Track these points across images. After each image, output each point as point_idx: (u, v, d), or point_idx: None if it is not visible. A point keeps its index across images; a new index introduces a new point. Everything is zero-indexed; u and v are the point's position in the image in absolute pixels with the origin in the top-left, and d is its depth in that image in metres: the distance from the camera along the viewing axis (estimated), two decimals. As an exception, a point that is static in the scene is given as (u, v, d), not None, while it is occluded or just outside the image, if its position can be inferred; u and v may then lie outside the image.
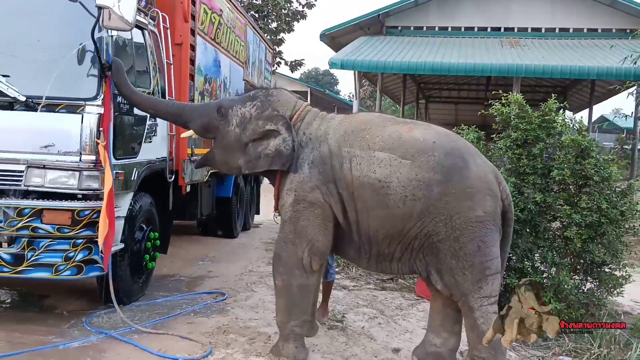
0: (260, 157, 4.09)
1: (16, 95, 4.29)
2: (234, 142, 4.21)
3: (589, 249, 5.12)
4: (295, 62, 20.77)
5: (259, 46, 9.99)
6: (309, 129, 4.13)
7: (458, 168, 3.78)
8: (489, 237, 3.79)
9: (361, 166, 3.86)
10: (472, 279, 3.77)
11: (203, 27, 6.58)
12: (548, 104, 5.45)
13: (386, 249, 3.94)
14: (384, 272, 4.93)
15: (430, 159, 3.77)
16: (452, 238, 3.75)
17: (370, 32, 16.44)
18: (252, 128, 4.14)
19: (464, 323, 3.98)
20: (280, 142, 4.02)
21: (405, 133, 3.93)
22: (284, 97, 4.29)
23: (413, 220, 3.79)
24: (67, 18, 4.62)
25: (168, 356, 4.03)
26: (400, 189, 3.76)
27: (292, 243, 3.99)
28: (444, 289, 3.91)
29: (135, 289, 5.17)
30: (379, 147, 3.87)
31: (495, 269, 3.83)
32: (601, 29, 15.84)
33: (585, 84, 17.01)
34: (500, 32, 16.29)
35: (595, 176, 5.12)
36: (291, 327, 4.04)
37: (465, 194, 3.75)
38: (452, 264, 3.78)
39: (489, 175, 3.89)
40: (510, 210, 4.01)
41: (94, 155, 4.34)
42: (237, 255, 7.65)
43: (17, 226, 4.25)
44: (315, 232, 3.95)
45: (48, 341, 4.16)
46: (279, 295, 4.10)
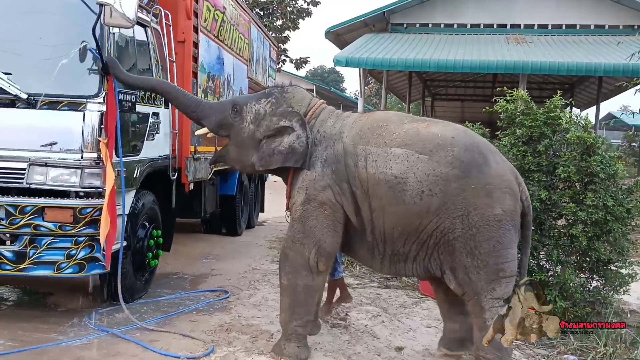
0: (273, 153, 4.06)
1: (18, 93, 4.28)
2: (247, 139, 4.20)
3: (595, 247, 5.07)
4: (300, 60, 20.75)
5: (263, 44, 9.97)
6: (323, 126, 4.11)
7: (477, 164, 3.74)
8: (506, 238, 3.73)
9: (377, 163, 3.83)
10: (486, 279, 3.72)
11: (206, 24, 6.56)
12: (553, 101, 5.40)
13: (402, 247, 3.89)
14: (397, 274, 4.90)
15: (448, 154, 3.73)
16: (468, 235, 3.70)
17: (376, 30, 16.38)
18: (266, 124, 4.13)
19: (474, 322, 3.94)
20: (294, 139, 4.00)
21: (423, 129, 3.90)
22: (299, 94, 4.27)
23: (430, 216, 3.74)
24: (69, 15, 4.61)
25: (170, 354, 4.02)
26: (417, 184, 3.72)
27: (300, 243, 3.97)
28: (457, 288, 3.87)
29: (138, 286, 5.17)
30: (396, 144, 3.84)
31: (510, 272, 3.77)
32: (608, 25, 15.72)
33: (592, 81, 16.89)
34: (506, 29, 16.19)
35: (601, 173, 5.07)
36: (294, 327, 4.03)
37: (484, 190, 3.70)
38: (466, 262, 3.73)
39: (509, 174, 3.84)
40: (529, 212, 3.94)
41: (95, 153, 4.33)
42: (240, 253, 7.64)
43: (19, 224, 4.24)
44: (324, 232, 3.93)
45: (51, 339, 4.16)
46: (284, 294, 4.08)
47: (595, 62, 12.67)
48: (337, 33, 16.58)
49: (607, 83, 16.02)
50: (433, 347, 4.53)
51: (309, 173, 3.98)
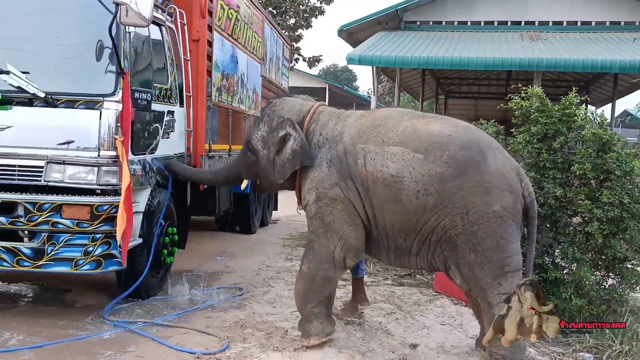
0: (284, 163, 4.22)
1: (35, 92, 4.34)
2: (267, 164, 4.39)
3: (611, 245, 5.03)
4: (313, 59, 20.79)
5: (276, 42, 9.99)
6: (324, 129, 4.23)
7: (474, 162, 3.74)
8: (508, 234, 3.75)
9: (375, 161, 3.90)
10: (492, 275, 3.74)
11: (220, 23, 6.60)
12: (569, 97, 5.36)
13: (403, 242, 3.96)
14: (403, 267, 4.99)
15: (444, 153, 3.75)
16: (470, 232, 3.73)
17: (389, 27, 16.32)
18: (271, 143, 4.30)
19: (483, 319, 3.98)
20: (292, 142, 4.16)
21: (421, 126, 3.92)
22: (287, 104, 4.46)
23: (427, 214, 3.78)
24: (85, 15, 4.66)
25: (185, 350, 4.05)
26: (412, 184, 3.77)
27: (324, 236, 4.09)
28: (462, 284, 3.91)
29: (154, 283, 5.21)
30: (393, 142, 3.88)
31: (515, 266, 3.79)
32: (624, 21, 15.53)
33: (607, 78, 16.71)
34: (520, 25, 16.06)
35: (617, 170, 5.03)
36: (309, 309, 4.17)
37: (482, 188, 3.71)
38: (470, 258, 3.76)
39: (509, 171, 3.83)
40: (532, 208, 3.94)
41: (112, 151, 4.37)
42: (254, 251, 7.67)
43: (37, 221, 4.30)
44: (345, 227, 4.02)
45: (69, 334, 4.22)
46: (300, 280, 4.22)
47: (610, 59, 12.54)
48: (350, 31, 16.55)
49: (623, 80, 15.85)
50: (447, 344, 4.54)
51: (317, 173, 4.09)
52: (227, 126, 7.10)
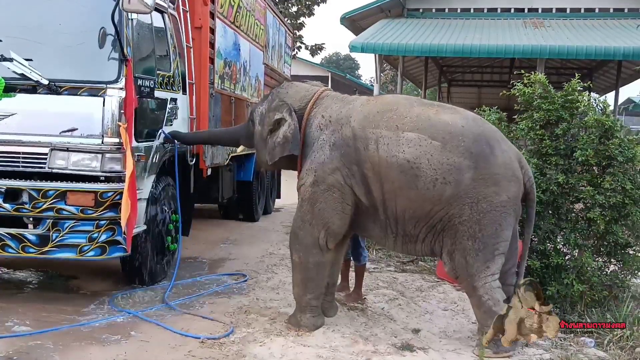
0: (275, 146, 4.27)
1: (39, 79, 4.34)
2: (259, 140, 4.48)
3: (613, 231, 5.05)
4: (315, 47, 20.74)
5: (278, 30, 9.96)
6: (327, 111, 4.23)
7: (485, 155, 3.87)
8: (506, 221, 3.94)
9: (389, 146, 3.92)
10: (483, 260, 3.90)
11: (222, 10, 6.58)
12: (571, 84, 5.35)
13: (412, 229, 4.03)
14: (408, 253, 5.13)
15: (460, 143, 3.85)
16: (475, 220, 3.85)
17: (392, 15, 16.24)
18: (266, 122, 4.36)
19: (470, 302, 4.13)
20: (286, 128, 4.20)
21: (434, 115, 4.00)
22: (293, 88, 4.49)
23: (442, 204, 3.88)
24: (88, 2, 4.67)
25: (190, 335, 4.09)
26: (430, 171, 3.83)
27: (310, 223, 4.13)
28: (451, 271, 4.05)
29: (158, 270, 5.24)
30: (408, 128, 3.93)
31: (502, 250, 3.97)
32: (628, 8, 15.45)
33: (611, 65, 16.64)
34: (523, 13, 15.98)
35: (619, 157, 5.04)
36: (308, 299, 4.22)
37: (492, 180, 3.86)
38: (467, 245, 3.88)
39: (514, 162, 4.00)
40: (532, 191, 4.14)
41: (116, 138, 4.39)
42: (258, 238, 7.71)
43: (42, 207, 4.32)
44: (332, 215, 4.08)
45: (74, 320, 4.25)
46: (296, 270, 4.29)
47: (614, 46, 12.50)
48: (353, 19, 16.49)
49: (627, 67, 15.79)
50: (449, 330, 4.58)
51: (318, 155, 4.10)
52: (229, 114, 7.10)
